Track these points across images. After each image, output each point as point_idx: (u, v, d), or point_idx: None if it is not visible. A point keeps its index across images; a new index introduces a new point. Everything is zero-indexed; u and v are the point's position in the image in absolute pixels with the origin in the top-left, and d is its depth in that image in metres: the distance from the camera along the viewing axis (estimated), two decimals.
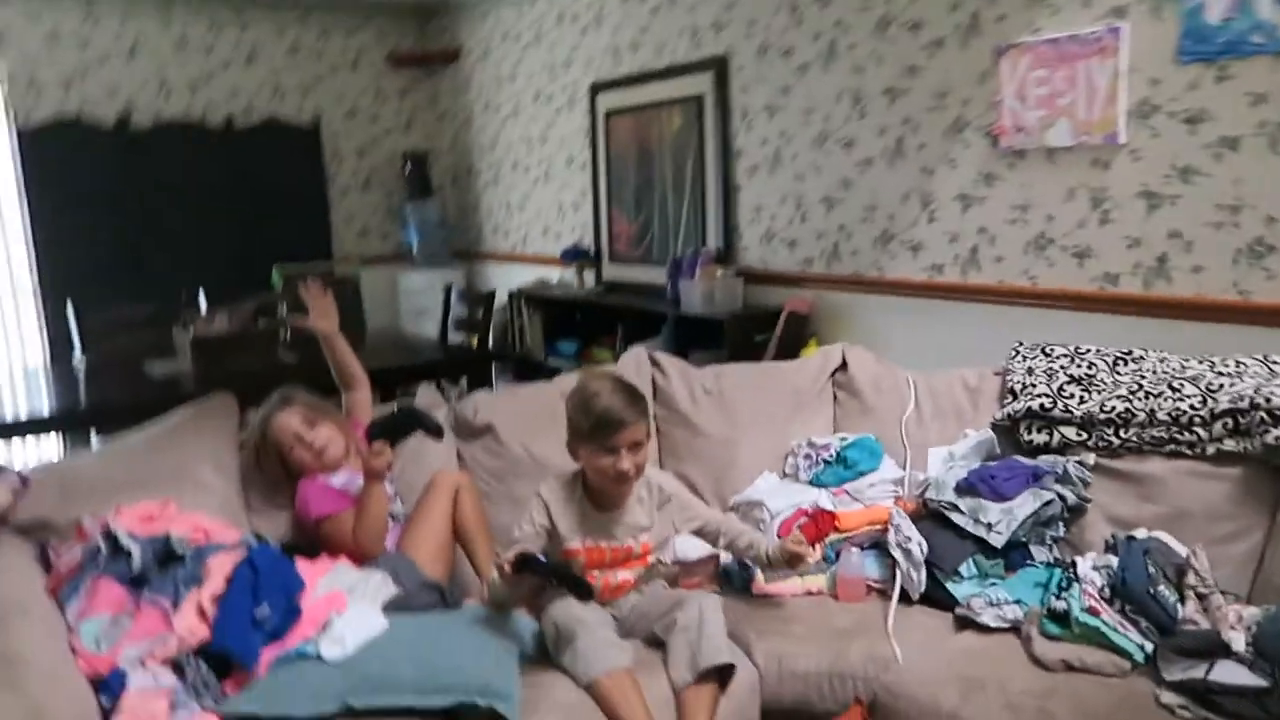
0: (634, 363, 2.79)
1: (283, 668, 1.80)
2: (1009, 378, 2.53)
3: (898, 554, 2.18)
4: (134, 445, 2.25)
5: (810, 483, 2.49)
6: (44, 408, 3.26)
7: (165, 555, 1.90)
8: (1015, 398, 2.47)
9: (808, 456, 2.53)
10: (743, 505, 2.47)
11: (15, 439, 3.39)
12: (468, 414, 2.59)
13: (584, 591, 1.95)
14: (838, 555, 2.27)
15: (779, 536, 2.30)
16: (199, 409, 2.39)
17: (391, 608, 2.01)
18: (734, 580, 2.28)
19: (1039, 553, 2.19)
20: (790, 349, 3.51)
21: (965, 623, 2.06)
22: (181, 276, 4.95)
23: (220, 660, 1.77)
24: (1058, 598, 1.94)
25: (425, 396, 2.62)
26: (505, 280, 5.66)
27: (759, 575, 2.27)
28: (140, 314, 4.33)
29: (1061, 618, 1.91)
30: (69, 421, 3.22)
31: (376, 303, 5.87)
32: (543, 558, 1.98)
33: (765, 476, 2.58)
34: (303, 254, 5.68)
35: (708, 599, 2.04)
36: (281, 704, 1.73)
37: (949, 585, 2.15)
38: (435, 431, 2.35)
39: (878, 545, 2.30)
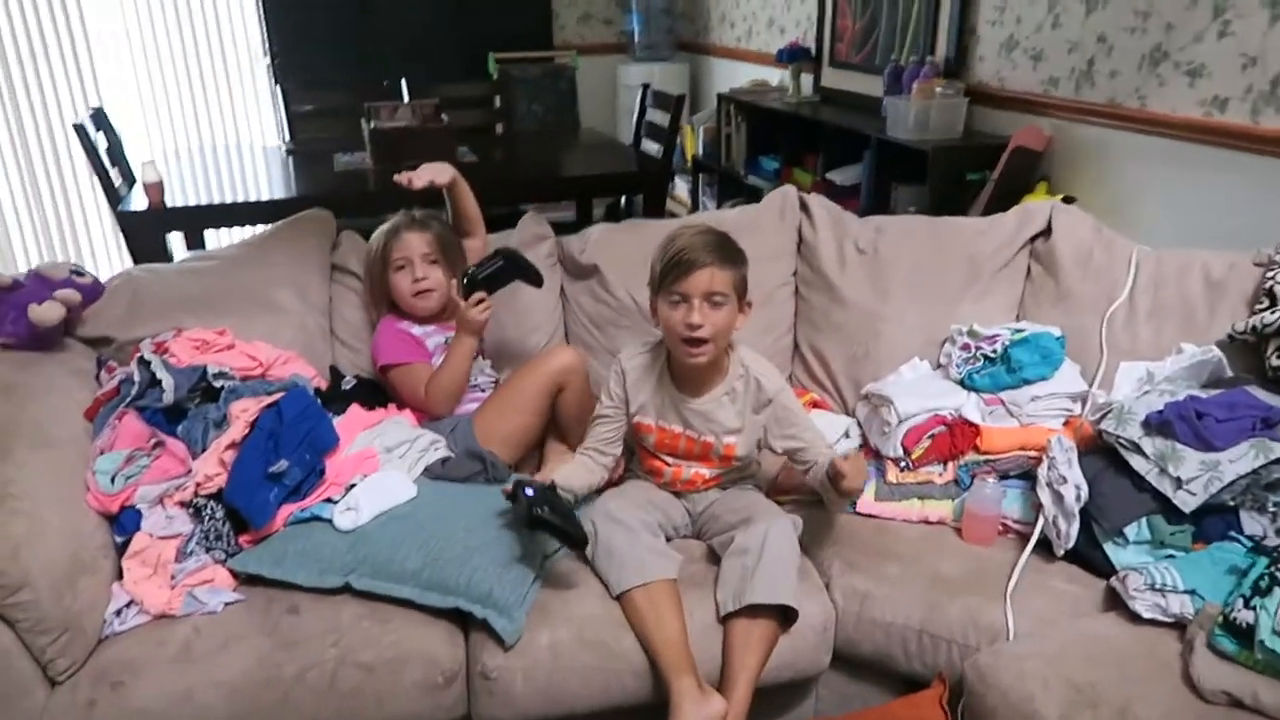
0: (779, 204, 2.33)
1: (298, 529, 1.69)
2: (1273, 275, 1.85)
3: (1045, 495, 1.70)
4: (216, 261, 2.16)
5: (960, 382, 1.99)
6: (238, 195, 3.34)
7: (202, 390, 1.82)
8: (1274, 304, 1.80)
9: (965, 348, 2.02)
10: (874, 397, 2.03)
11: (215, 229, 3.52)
12: (574, 251, 2.28)
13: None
14: (972, 482, 1.82)
15: (904, 448, 1.88)
16: (290, 226, 2.25)
17: (432, 474, 1.84)
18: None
19: (1252, 523, 1.62)
20: (1009, 194, 2.84)
21: (1114, 600, 1.59)
22: (394, 64, 4.87)
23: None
24: (1247, 603, 1.41)
25: (529, 227, 2.33)
26: (728, 79, 5.13)
27: (866, 491, 1.88)
28: (342, 102, 4.29)
29: (1243, 633, 1.39)
30: (242, 216, 3.25)
31: (593, 97, 5.58)
32: (533, 494, 1.58)
33: (914, 365, 2.11)
34: (521, 42, 5.43)
35: (780, 523, 1.69)
36: (287, 568, 1.63)
37: (1107, 546, 1.65)
38: (536, 281, 2.08)
39: (1027, 477, 1.81)
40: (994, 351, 1.96)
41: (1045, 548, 1.71)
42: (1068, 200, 2.64)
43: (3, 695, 1.45)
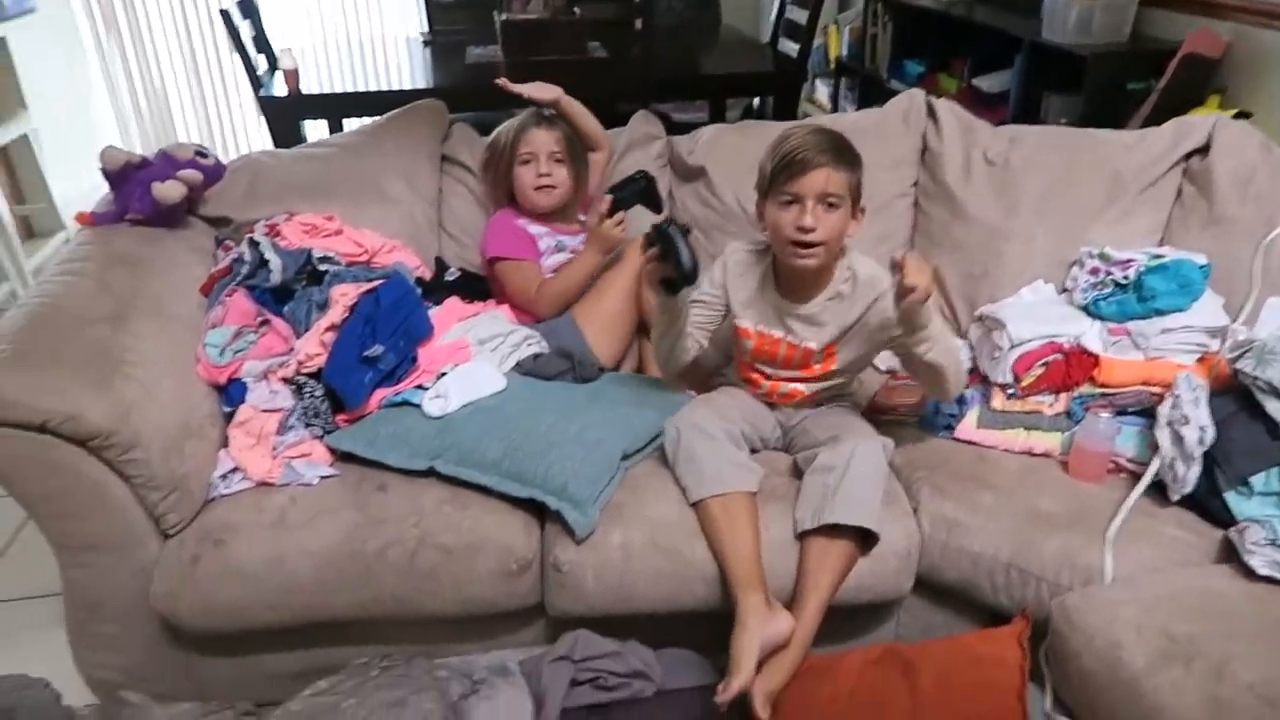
0: (904, 108, 2.18)
1: (390, 411, 1.74)
2: None
3: (1164, 436, 1.57)
4: (331, 148, 2.20)
5: (1085, 309, 1.84)
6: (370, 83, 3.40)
7: (308, 273, 1.88)
8: None
9: (1094, 271, 1.86)
10: (988, 320, 1.91)
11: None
12: (683, 152, 2.21)
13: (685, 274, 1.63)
14: (1085, 415, 1.69)
15: (1014, 374, 1.77)
16: (403, 115, 2.27)
17: (523, 369, 1.85)
18: (935, 420, 1.80)
19: None
20: (1176, 107, 2.57)
21: (1228, 553, 1.47)
22: None
23: None
24: None
25: (640, 125, 2.26)
26: None
27: (968, 416, 1.78)
28: None
29: None
30: (374, 105, 3.30)
31: None
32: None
33: (1036, 287, 1.96)
34: None
35: (869, 443, 1.63)
36: (380, 448, 1.68)
37: (1229, 495, 1.52)
38: (658, 209, 2.05)
39: (1147, 415, 1.67)
40: (1125, 278, 1.80)
41: (1158, 491, 1.59)
42: (1241, 116, 2.36)
43: (123, 543, 1.58)
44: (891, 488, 1.66)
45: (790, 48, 3.82)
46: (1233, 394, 1.60)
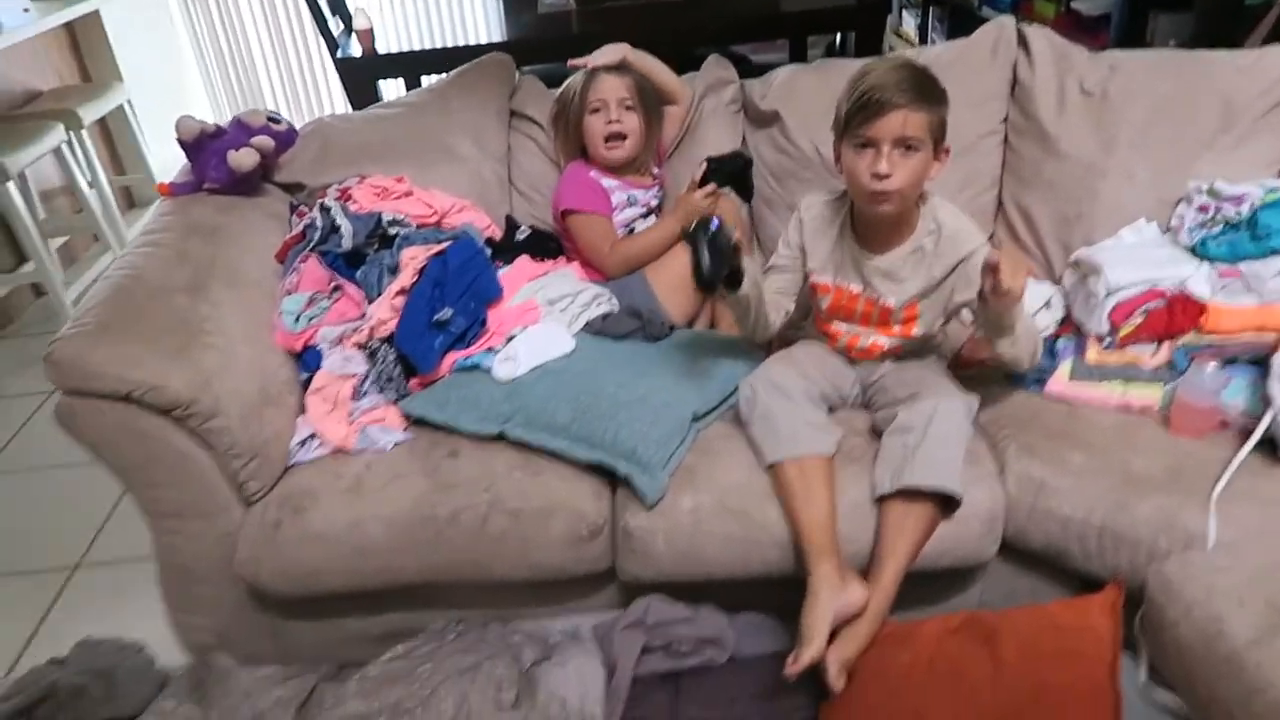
0: (992, 38, 2.04)
1: (462, 375, 1.74)
2: None
3: (1277, 388, 1.45)
4: (400, 109, 2.18)
5: (1192, 250, 1.71)
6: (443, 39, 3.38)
7: (379, 237, 1.88)
8: None
9: (1203, 209, 1.72)
10: (1083, 264, 1.79)
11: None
12: (756, 96, 2.13)
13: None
14: (1189, 367, 1.58)
15: (1110, 323, 1.66)
16: (470, 72, 2.24)
17: (592, 329, 1.83)
18: (1025, 374, 1.70)
19: None
20: None
21: None
22: None
23: None
24: None
25: (713, 70, 2.18)
26: None
27: (1060, 369, 1.68)
28: None
29: None
30: (446, 61, 3.29)
31: None
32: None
33: (1138, 227, 1.83)
34: None
35: (951, 401, 1.55)
36: (451, 413, 1.69)
37: None
38: (747, 196, 2.01)
39: (1260, 364, 1.55)
40: (1238, 214, 1.65)
41: (1269, 448, 1.47)
42: None
43: (208, 510, 1.62)
44: (975, 447, 1.58)
45: None
46: None
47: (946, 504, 1.51)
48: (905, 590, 1.48)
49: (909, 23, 4.74)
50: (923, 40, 4.49)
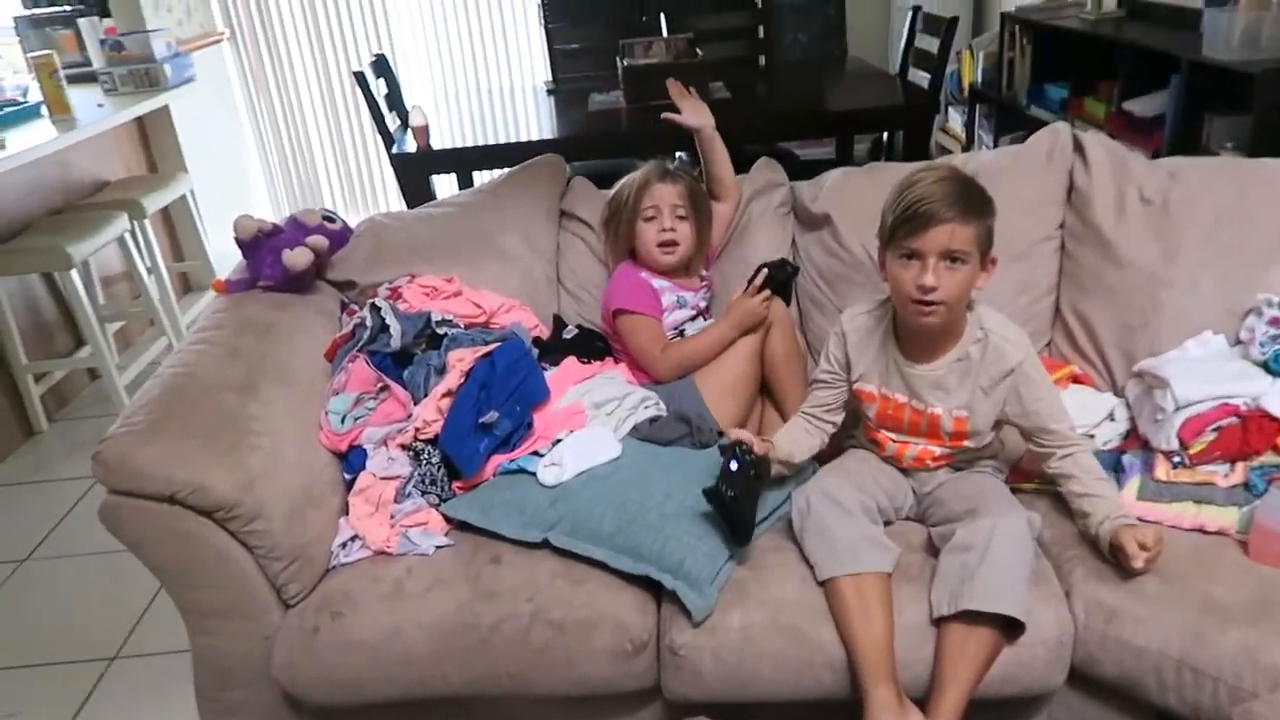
0: (1047, 144, 2.02)
1: (506, 479, 1.72)
2: None
3: None
4: (452, 208, 2.21)
5: (1264, 365, 1.64)
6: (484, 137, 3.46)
7: (427, 337, 1.88)
8: None
9: (1275, 322, 1.66)
10: (1148, 376, 1.73)
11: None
12: (806, 199, 2.12)
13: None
14: (1267, 489, 1.50)
15: (1180, 440, 1.59)
16: (522, 172, 2.27)
17: (640, 433, 1.80)
18: None
19: None
20: None
21: None
22: None
23: None
24: None
25: (763, 173, 2.19)
26: None
27: (1127, 486, 1.61)
28: (602, 39, 4.29)
29: None
30: (500, 157, 3.35)
31: (863, 23, 5.23)
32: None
33: (1205, 339, 1.77)
34: None
35: (1011, 519, 1.49)
36: (494, 519, 1.66)
37: None
38: (786, 300, 2.00)
39: None
40: None
41: None
42: None
43: (247, 612, 1.60)
44: (1040, 567, 1.51)
45: (921, 78, 3.67)
46: None
47: (1010, 628, 1.44)
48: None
49: (955, 119, 4.78)
50: (969, 138, 4.51)
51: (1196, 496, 1.56)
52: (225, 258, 4.11)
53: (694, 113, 2.08)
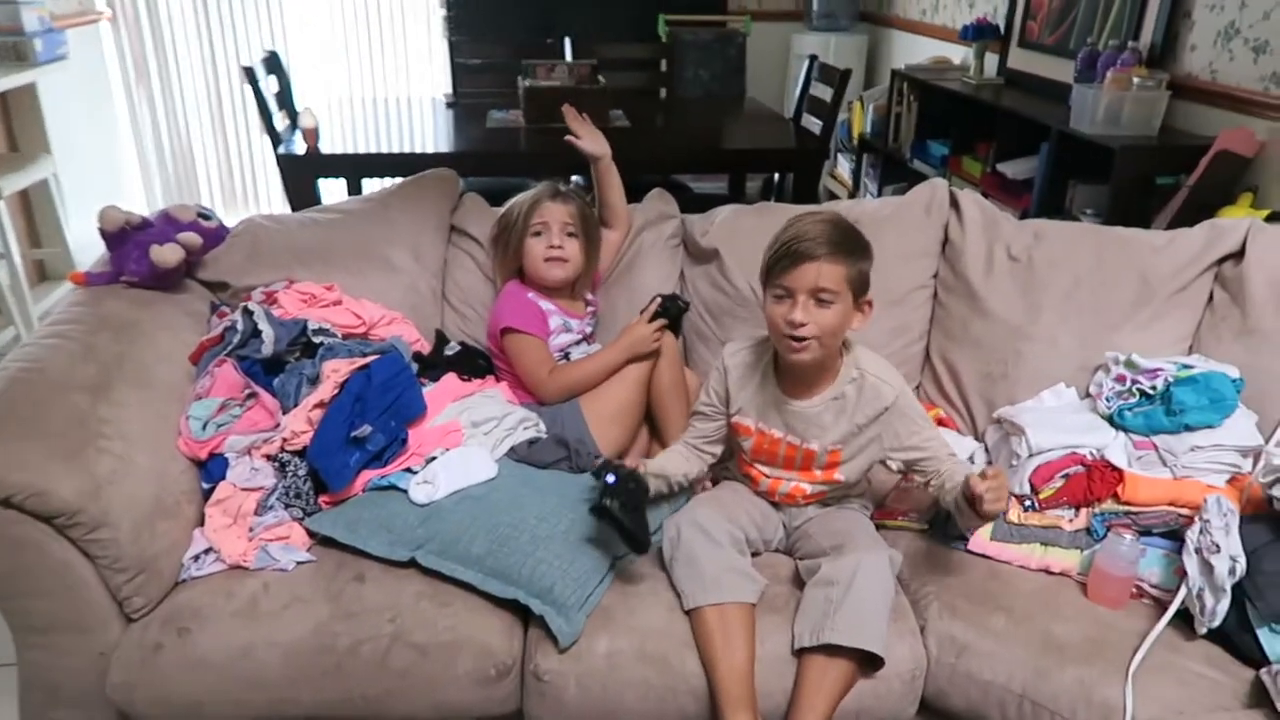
0: (926, 198, 2.12)
1: (375, 495, 1.67)
2: None
3: (1192, 563, 1.47)
4: (337, 214, 2.15)
5: (1109, 419, 1.75)
6: (391, 145, 3.38)
7: (302, 345, 1.82)
8: None
9: (1120, 379, 1.77)
10: (1006, 423, 1.83)
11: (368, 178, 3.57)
12: (696, 233, 2.16)
13: None
14: (1106, 534, 1.60)
15: (1031, 485, 1.68)
16: (414, 184, 2.23)
17: (517, 455, 1.78)
18: (945, 526, 1.70)
19: None
20: (1205, 204, 2.50)
21: (1261, 697, 1.36)
22: (565, 21, 4.82)
23: None
24: None
25: (655, 204, 2.21)
26: (907, 53, 4.81)
27: (984, 529, 1.68)
28: (505, 57, 4.28)
29: None
30: (390, 166, 3.29)
31: (763, 65, 5.38)
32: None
33: (1058, 391, 1.88)
34: (695, 3, 5.27)
35: (874, 557, 1.54)
36: (360, 536, 1.61)
37: (1261, 632, 1.42)
38: (676, 332, 1.99)
39: (1173, 536, 1.58)
40: (1153, 388, 1.71)
41: (1185, 621, 1.48)
42: (1273, 218, 2.29)
43: (84, 625, 1.50)
44: (899, 603, 1.56)
45: (813, 124, 3.80)
46: (1266, 521, 1.50)
47: (867, 660, 1.48)
48: None
49: (844, 166, 4.95)
50: (856, 184, 4.69)
51: (1044, 539, 1.64)
52: (86, 248, 3.89)
53: (593, 140, 2.09)
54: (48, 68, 3.70)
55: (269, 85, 3.50)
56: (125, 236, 1.86)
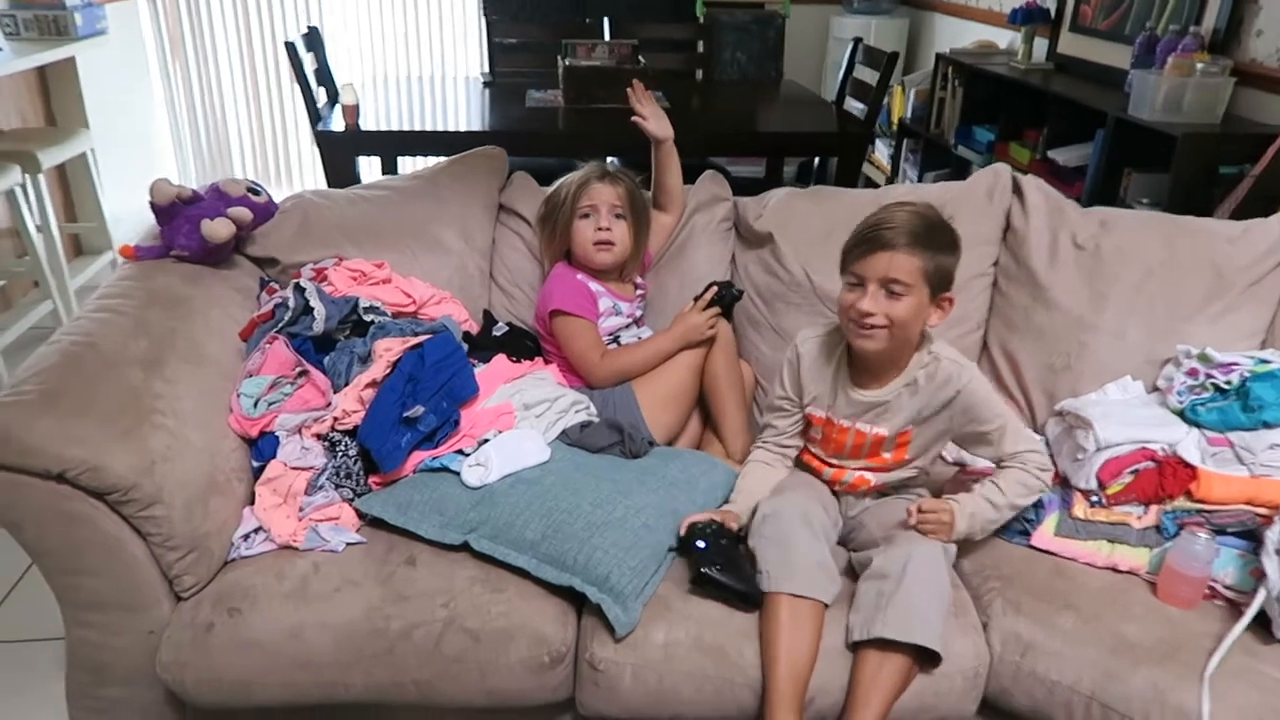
0: (988, 183, 2.06)
1: (427, 477, 1.64)
2: None
3: (1271, 564, 1.41)
4: (386, 192, 2.12)
5: (1181, 414, 1.70)
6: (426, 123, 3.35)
7: (352, 323, 1.79)
8: None
9: (1193, 373, 1.72)
10: (1070, 416, 1.77)
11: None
12: (750, 216, 2.11)
13: None
14: (1178, 533, 1.55)
15: (1099, 480, 1.63)
16: (462, 162, 2.19)
17: (570, 438, 1.75)
18: (1009, 524, 1.65)
19: None
20: (1271, 195, 2.43)
21: None
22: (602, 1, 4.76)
23: None
24: None
25: (708, 186, 2.16)
26: (951, 38, 4.73)
27: (1045, 522, 1.64)
28: (544, 37, 4.23)
29: None
30: (430, 144, 3.26)
31: (801, 48, 5.31)
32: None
33: (1124, 384, 1.82)
34: None
35: (926, 548, 1.49)
36: (412, 517, 1.58)
37: None
38: (728, 318, 1.97)
39: (1249, 537, 1.52)
40: (1228, 383, 1.65)
41: (1263, 624, 1.43)
42: None
43: (133, 604, 1.48)
44: (960, 598, 1.52)
45: (855, 108, 3.73)
46: None
47: (925, 655, 1.44)
48: None
49: (882, 151, 4.88)
50: (894, 169, 4.61)
51: (1111, 536, 1.59)
52: (123, 221, 3.89)
53: (658, 122, 2.04)
54: (87, 42, 3.69)
55: (308, 61, 3.47)
56: (175, 210, 1.84)
